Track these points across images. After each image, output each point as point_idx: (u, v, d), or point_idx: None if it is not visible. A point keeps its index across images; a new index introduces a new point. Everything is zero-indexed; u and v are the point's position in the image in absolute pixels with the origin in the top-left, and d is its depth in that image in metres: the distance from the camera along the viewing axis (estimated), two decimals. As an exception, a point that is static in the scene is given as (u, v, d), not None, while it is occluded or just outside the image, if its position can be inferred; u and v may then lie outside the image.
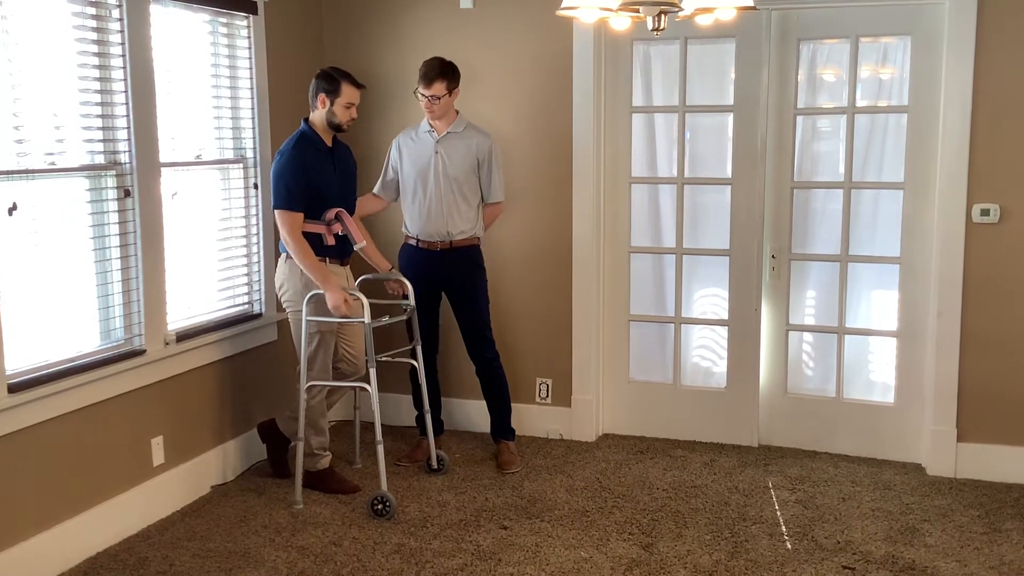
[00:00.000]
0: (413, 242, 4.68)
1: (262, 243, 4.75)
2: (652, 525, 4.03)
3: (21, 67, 3.43)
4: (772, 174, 4.80)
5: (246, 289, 4.74)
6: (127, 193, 3.90)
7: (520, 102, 5.00)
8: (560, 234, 5.02)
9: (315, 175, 4.15)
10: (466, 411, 5.23)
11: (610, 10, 2.97)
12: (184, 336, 4.22)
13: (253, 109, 4.66)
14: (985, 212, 4.40)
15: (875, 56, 4.69)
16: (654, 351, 5.18)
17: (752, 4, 2.98)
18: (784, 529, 3.99)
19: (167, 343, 4.10)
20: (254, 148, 4.68)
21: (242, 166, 4.66)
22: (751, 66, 4.73)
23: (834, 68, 4.77)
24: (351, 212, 4.33)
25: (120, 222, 3.89)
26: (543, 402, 5.18)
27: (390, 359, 4.62)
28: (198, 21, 4.36)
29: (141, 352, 3.97)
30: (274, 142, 4.66)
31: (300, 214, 4.11)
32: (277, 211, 4.11)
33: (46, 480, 3.57)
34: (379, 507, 4.09)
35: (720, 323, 5.03)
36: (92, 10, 3.71)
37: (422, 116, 4.66)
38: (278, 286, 4.33)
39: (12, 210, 3.40)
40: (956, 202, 4.43)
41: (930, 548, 3.81)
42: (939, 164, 4.47)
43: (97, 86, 3.76)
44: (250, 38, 4.61)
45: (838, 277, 4.80)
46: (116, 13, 3.79)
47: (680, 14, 3.01)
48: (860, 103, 4.69)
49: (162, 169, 4.06)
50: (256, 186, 4.70)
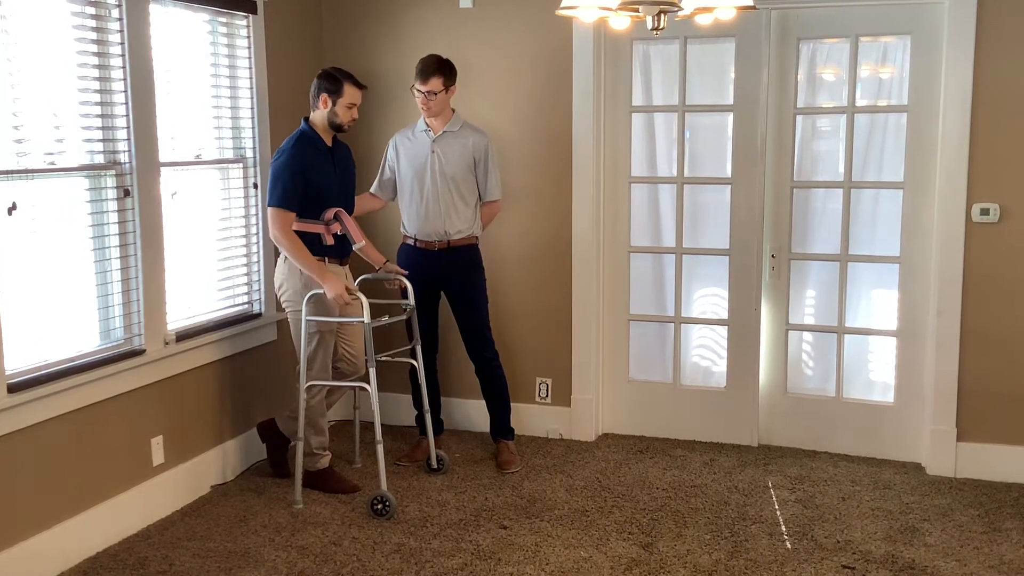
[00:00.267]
0: (411, 242, 4.68)
1: (262, 243, 4.74)
2: (652, 525, 4.03)
3: (21, 67, 3.43)
4: (772, 173, 4.80)
5: (246, 289, 4.74)
6: (127, 193, 3.90)
7: (520, 101, 5.00)
8: (560, 233, 5.02)
9: (314, 175, 4.15)
10: (466, 411, 5.23)
11: (610, 9, 2.97)
12: (184, 336, 4.22)
13: (253, 109, 4.66)
14: (985, 211, 4.40)
15: (875, 55, 4.69)
16: (654, 351, 5.18)
17: (751, 3, 2.98)
18: (784, 528, 3.99)
19: (167, 343, 4.10)
20: (254, 148, 4.68)
21: (242, 166, 4.66)
22: (751, 65, 4.73)
23: (834, 67, 4.77)
24: (351, 212, 4.33)
25: (120, 222, 3.89)
26: (543, 402, 5.18)
27: (390, 359, 4.63)
28: (197, 21, 4.36)
29: (141, 352, 3.97)
30: (274, 142, 4.66)
31: (292, 213, 4.10)
32: (270, 208, 4.11)
33: (46, 480, 3.57)
34: (379, 507, 4.09)
35: (720, 323, 5.03)
36: (91, 9, 3.71)
37: (421, 115, 4.66)
38: (277, 286, 4.33)
39: (12, 210, 3.40)
40: (956, 201, 4.43)
41: (930, 547, 3.81)
42: (939, 163, 4.47)
43: (97, 86, 3.76)
44: (250, 38, 4.61)
45: (838, 276, 4.80)
46: (115, 13, 3.79)
47: (680, 13, 3.01)
48: (860, 103, 4.69)
49: (162, 169, 4.06)
50: (256, 186, 4.69)
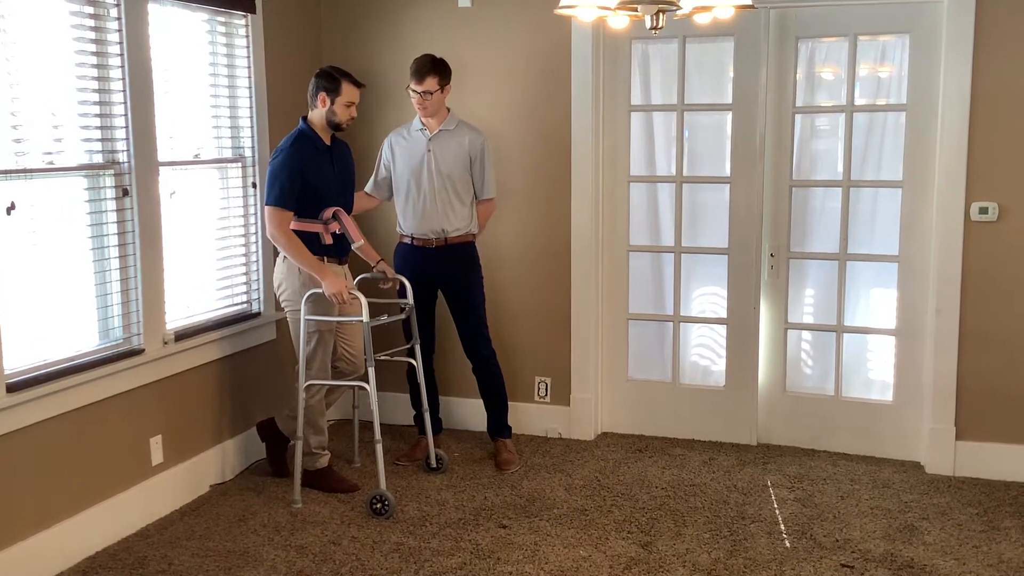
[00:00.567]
0: (408, 240, 4.67)
1: (260, 242, 4.74)
2: (651, 524, 4.03)
3: (19, 66, 3.42)
4: (771, 172, 4.80)
5: (244, 288, 4.74)
6: (125, 192, 3.90)
7: (518, 101, 5.00)
8: (559, 232, 5.02)
9: (313, 174, 4.15)
10: (465, 410, 5.23)
11: (608, 9, 2.97)
12: (183, 335, 4.22)
13: (251, 108, 4.66)
14: (983, 210, 4.40)
15: (874, 54, 4.69)
16: (653, 350, 5.18)
17: (750, 2, 2.98)
18: (783, 527, 3.99)
19: (166, 342, 4.10)
20: (252, 147, 4.68)
21: (240, 165, 4.66)
22: (750, 64, 4.73)
23: (832, 66, 4.77)
24: (350, 211, 4.33)
25: (118, 221, 3.89)
26: (542, 401, 5.18)
27: (389, 358, 4.63)
28: (196, 20, 4.35)
29: (140, 351, 3.96)
30: (272, 141, 4.66)
31: (290, 213, 4.10)
32: (267, 207, 4.11)
33: (45, 479, 3.57)
34: (378, 506, 4.10)
35: (719, 321, 5.03)
36: (90, 9, 3.71)
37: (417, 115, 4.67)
38: (276, 285, 4.33)
39: (10, 209, 3.40)
40: (954, 200, 4.43)
41: (928, 546, 3.81)
42: (938, 162, 4.47)
43: (95, 85, 3.76)
44: (248, 37, 4.61)
45: (837, 275, 4.80)
46: (114, 12, 3.79)
47: (678, 13, 3.01)
48: (859, 101, 4.69)
49: (160, 168, 4.06)
50: (255, 185, 4.69)
